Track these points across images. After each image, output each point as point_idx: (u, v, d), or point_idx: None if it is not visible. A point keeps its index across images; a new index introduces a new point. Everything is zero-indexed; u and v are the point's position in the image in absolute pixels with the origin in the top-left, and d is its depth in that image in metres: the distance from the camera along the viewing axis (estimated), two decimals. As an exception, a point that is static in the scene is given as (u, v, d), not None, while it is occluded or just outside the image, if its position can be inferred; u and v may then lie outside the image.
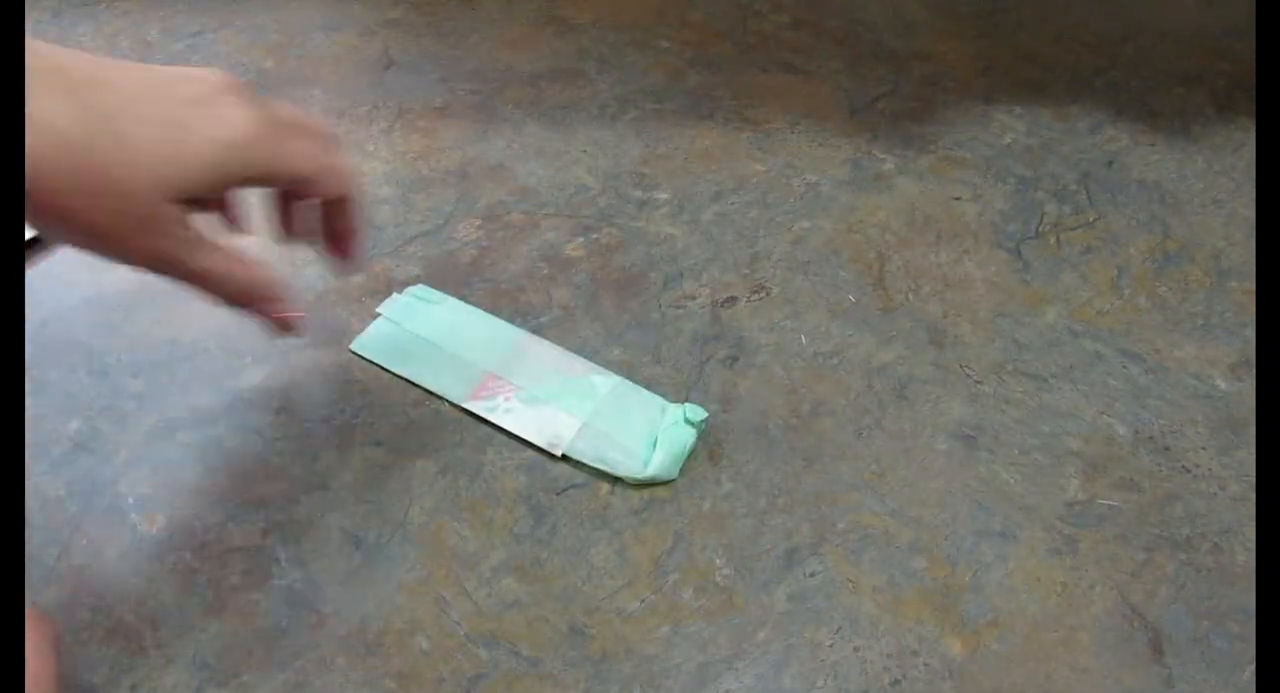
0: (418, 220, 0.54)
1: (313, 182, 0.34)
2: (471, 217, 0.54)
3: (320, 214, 0.38)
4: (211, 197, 0.34)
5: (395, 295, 0.48)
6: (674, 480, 0.41)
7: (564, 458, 0.42)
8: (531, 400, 0.44)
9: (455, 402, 0.44)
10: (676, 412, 0.43)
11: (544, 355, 0.46)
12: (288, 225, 0.39)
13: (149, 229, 0.30)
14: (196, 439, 0.43)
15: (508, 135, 0.60)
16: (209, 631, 0.36)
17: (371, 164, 0.57)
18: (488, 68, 0.66)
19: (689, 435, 0.42)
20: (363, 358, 0.46)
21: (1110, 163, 0.61)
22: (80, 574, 0.38)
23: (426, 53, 0.67)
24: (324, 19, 0.69)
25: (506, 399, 0.44)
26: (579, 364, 0.45)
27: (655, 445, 0.42)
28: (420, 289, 0.49)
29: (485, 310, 0.48)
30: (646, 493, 0.41)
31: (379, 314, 0.47)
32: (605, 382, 0.44)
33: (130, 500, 0.40)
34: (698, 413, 0.43)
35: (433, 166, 0.57)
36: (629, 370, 0.46)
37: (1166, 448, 0.45)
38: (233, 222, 0.39)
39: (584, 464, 0.42)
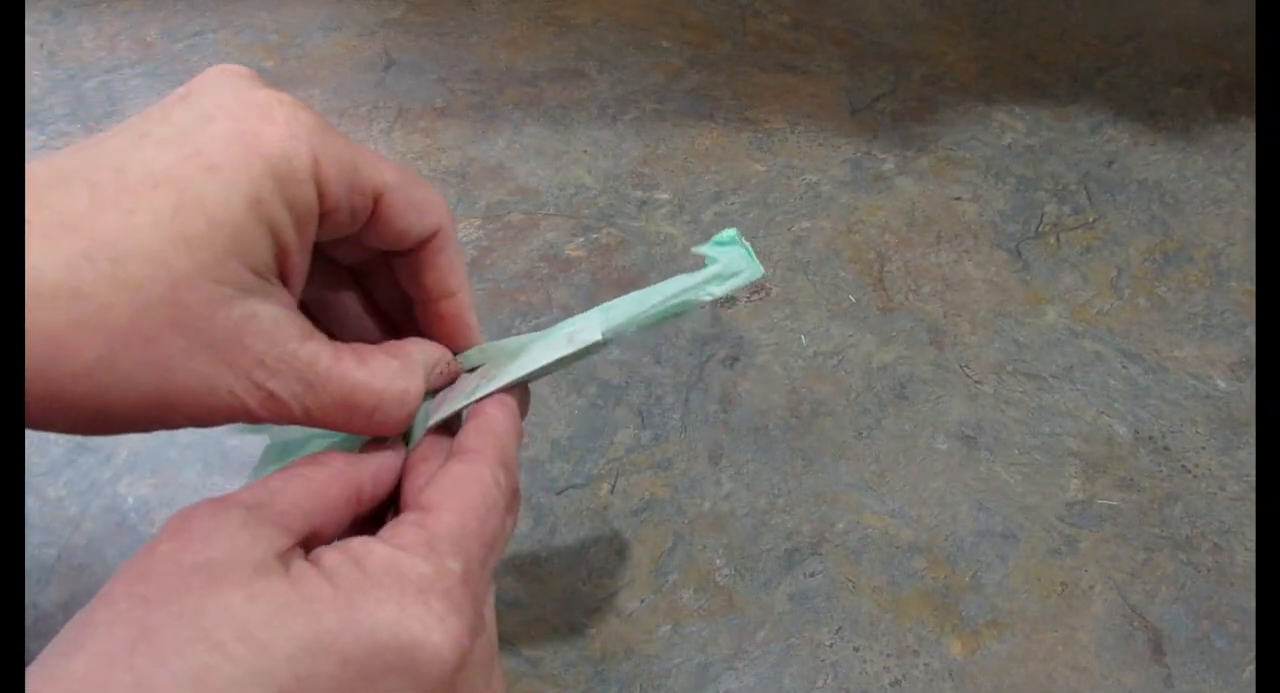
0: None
1: (396, 203, 0.23)
2: (471, 217, 0.54)
3: (400, 272, 0.26)
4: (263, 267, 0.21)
5: None
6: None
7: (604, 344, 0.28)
8: (511, 354, 0.28)
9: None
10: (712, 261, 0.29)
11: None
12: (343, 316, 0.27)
13: (209, 340, 0.20)
14: (196, 439, 0.43)
15: (508, 135, 0.60)
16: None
17: (371, 164, 0.57)
18: (488, 68, 0.66)
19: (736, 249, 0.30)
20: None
21: (1110, 163, 0.61)
22: (80, 574, 0.38)
23: (426, 53, 0.67)
24: (324, 19, 0.69)
25: (478, 380, 0.27)
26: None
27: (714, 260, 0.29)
28: None
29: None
30: (647, 493, 0.41)
31: None
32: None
33: (130, 500, 0.40)
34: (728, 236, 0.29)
35: (433, 166, 0.57)
36: (629, 370, 0.46)
37: (1166, 448, 0.45)
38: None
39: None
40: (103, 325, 0.19)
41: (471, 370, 0.28)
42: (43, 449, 0.42)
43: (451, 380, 0.27)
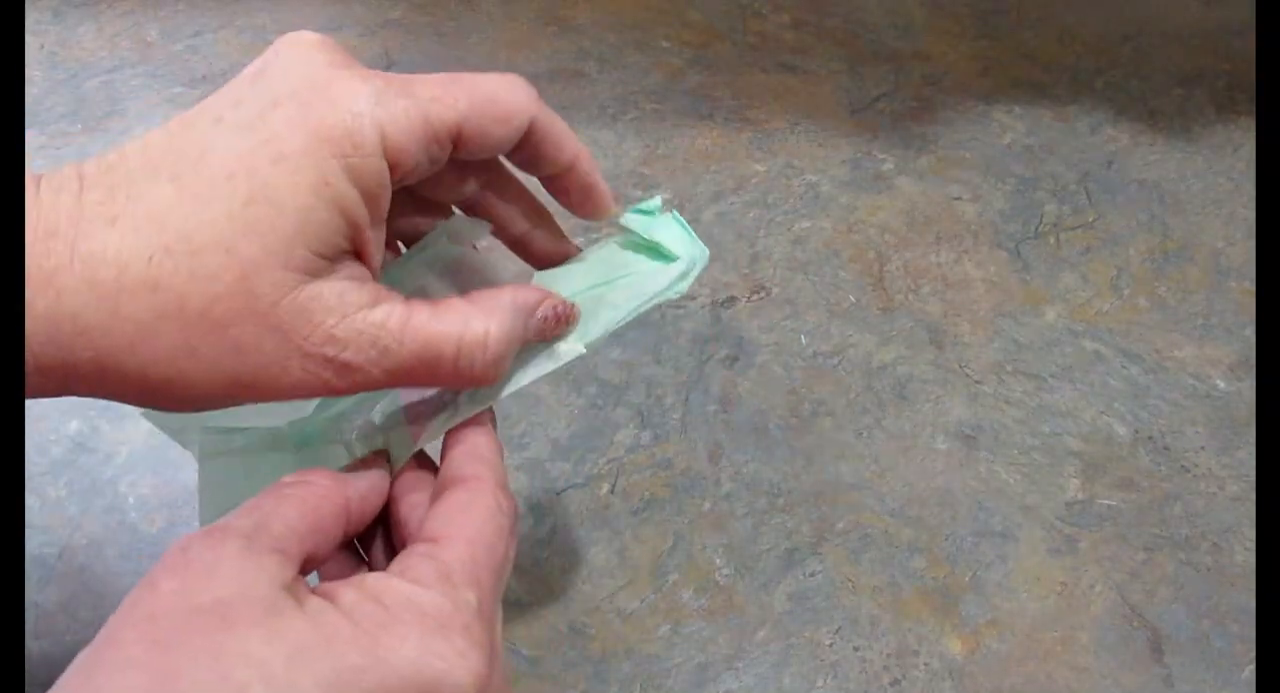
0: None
1: (473, 129, 0.23)
2: (471, 217, 0.54)
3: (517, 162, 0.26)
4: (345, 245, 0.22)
5: None
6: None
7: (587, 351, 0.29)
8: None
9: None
10: (637, 226, 0.30)
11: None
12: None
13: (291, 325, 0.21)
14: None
15: (508, 135, 0.60)
16: (209, 631, 0.36)
17: (371, 164, 0.57)
18: (487, 68, 0.66)
19: (668, 220, 0.30)
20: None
21: (1110, 163, 0.61)
22: (80, 574, 0.38)
23: (426, 53, 0.67)
24: (324, 19, 0.69)
25: (455, 399, 0.27)
26: None
27: (651, 247, 0.29)
28: None
29: None
30: (647, 492, 0.41)
31: None
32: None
33: (130, 500, 0.40)
34: (649, 204, 0.30)
35: (433, 167, 0.57)
36: (629, 370, 0.46)
37: (1166, 448, 0.45)
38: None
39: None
40: (181, 315, 0.20)
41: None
42: (43, 449, 0.42)
43: (564, 322, 0.26)
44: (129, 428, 0.43)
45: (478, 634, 0.20)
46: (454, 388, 0.26)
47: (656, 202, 0.30)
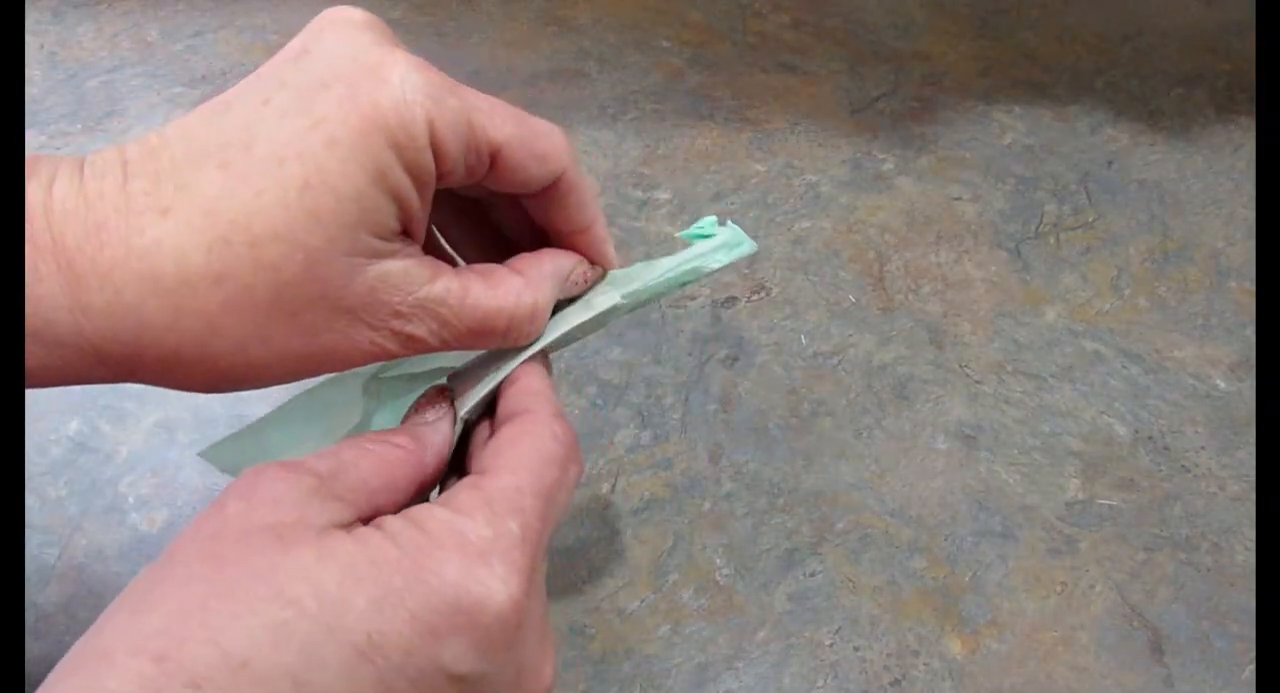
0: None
1: (514, 156, 0.23)
2: (471, 217, 0.54)
3: (532, 211, 0.26)
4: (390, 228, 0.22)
5: None
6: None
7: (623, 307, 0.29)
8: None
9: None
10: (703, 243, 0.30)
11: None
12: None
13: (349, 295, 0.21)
14: (197, 439, 0.43)
15: (508, 135, 0.60)
16: (209, 631, 0.36)
17: (371, 164, 0.57)
18: (488, 68, 0.66)
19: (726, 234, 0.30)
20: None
21: (1110, 163, 0.61)
22: (80, 574, 0.38)
23: (426, 53, 0.66)
24: (324, 19, 0.69)
25: (500, 355, 0.27)
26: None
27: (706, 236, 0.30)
28: None
29: None
30: (647, 492, 0.41)
31: None
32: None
33: (130, 500, 0.40)
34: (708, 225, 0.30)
35: (433, 167, 0.57)
36: (629, 370, 0.46)
37: (1166, 448, 0.45)
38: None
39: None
40: (250, 305, 0.20)
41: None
42: (43, 449, 0.42)
43: (587, 286, 0.27)
44: (129, 428, 0.43)
45: (518, 561, 0.20)
46: (492, 347, 0.26)
47: (712, 220, 0.31)
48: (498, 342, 0.25)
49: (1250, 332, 0.50)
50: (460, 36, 0.68)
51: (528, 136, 0.23)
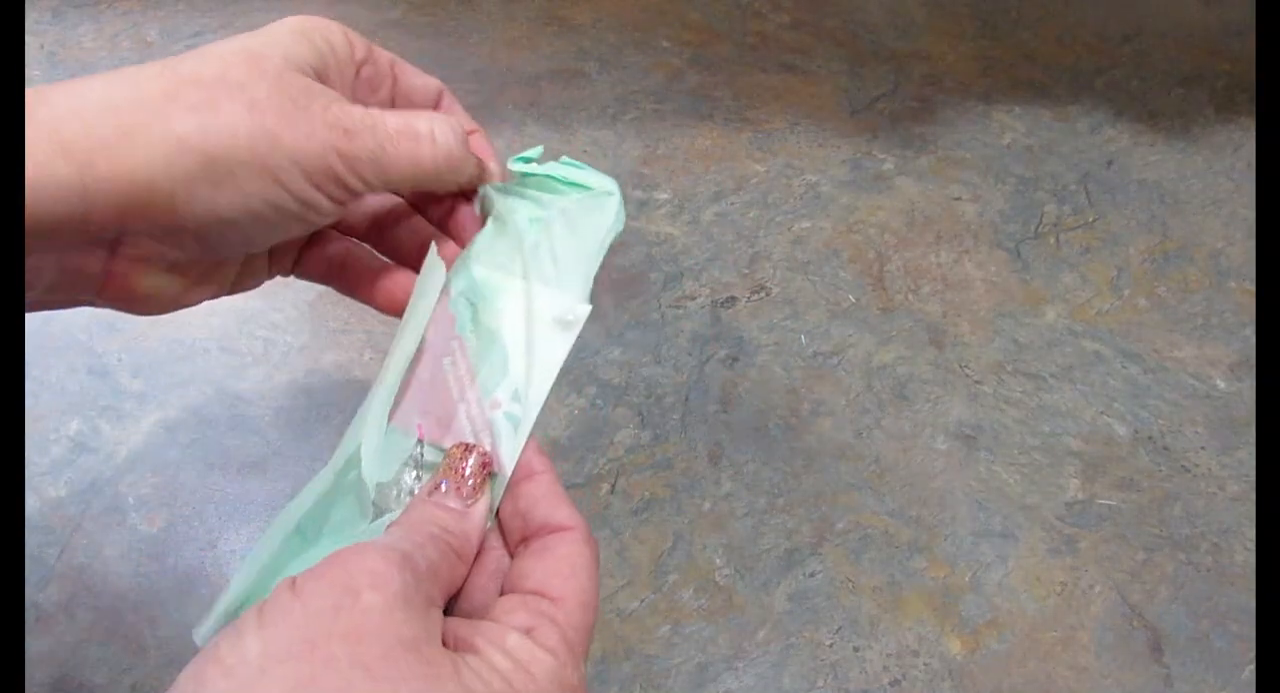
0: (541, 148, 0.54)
1: (406, 68, 0.29)
2: (471, 217, 0.54)
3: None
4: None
5: None
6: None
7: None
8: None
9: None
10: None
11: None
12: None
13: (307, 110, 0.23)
14: (197, 439, 0.43)
15: (508, 135, 0.60)
16: (209, 631, 0.36)
17: (371, 164, 0.57)
18: (488, 68, 0.66)
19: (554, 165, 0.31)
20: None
21: (1110, 163, 0.61)
22: (80, 574, 0.38)
23: (426, 53, 0.67)
24: (324, 19, 0.69)
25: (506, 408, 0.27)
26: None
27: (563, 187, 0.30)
28: None
29: None
30: (647, 493, 0.41)
31: None
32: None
33: (130, 500, 0.40)
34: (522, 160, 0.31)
35: (433, 167, 0.57)
36: (629, 370, 0.46)
37: (1166, 448, 0.45)
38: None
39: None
40: (199, 84, 0.23)
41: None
42: (43, 449, 0.42)
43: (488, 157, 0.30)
44: (129, 428, 0.43)
45: None
46: (440, 187, 0.28)
47: (538, 150, 0.31)
48: (429, 156, 0.26)
49: (1250, 332, 0.50)
50: (460, 36, 0.68)
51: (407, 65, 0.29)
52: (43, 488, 0.40)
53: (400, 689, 0.18)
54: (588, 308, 0.28)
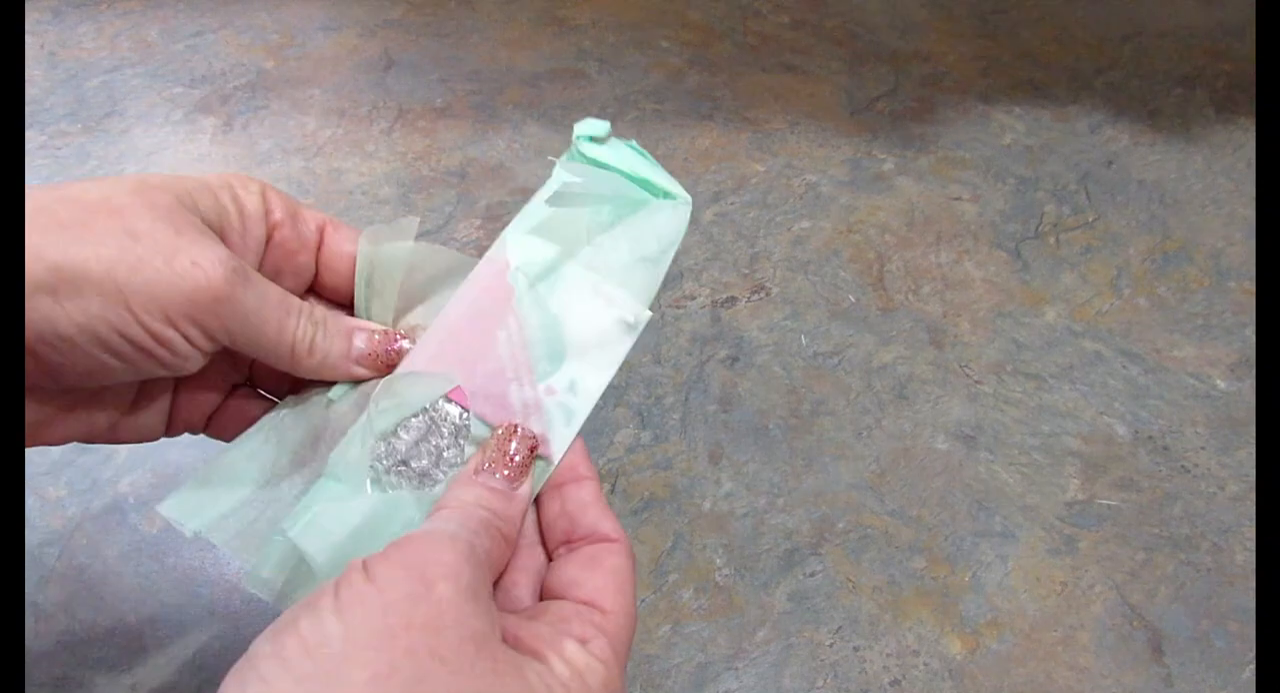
0: (418, 221, 0.54)
1: (338, 232, 0.28)
2: (471, 217, 0.54)
3: None
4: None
5: None
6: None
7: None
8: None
9: None
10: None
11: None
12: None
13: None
14: (196, 439, 0.43)
15: (508, 135, 0.60)
16: (209, 631, 0.36)
17: (371, 164, 0.57)
18: (488, 68, 0.66)
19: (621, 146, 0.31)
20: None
21: (1110, 163, 0.61)
22: (80, 574, 0.38)
23: (426, 53, 0.67)
24: (324, 19, 0.69)
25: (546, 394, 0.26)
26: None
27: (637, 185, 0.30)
28: None
29: None
30: (647, 493, 0.41)
31: None
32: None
33: (130, 500, 0.40)
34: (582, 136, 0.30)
35: (433, 167, 0.57)
36: (629, 370, 0.46)
37: (1166, 448, 0.45)
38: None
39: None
40: (129, 229, 0.22)
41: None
42: (43, 449, 0.42)
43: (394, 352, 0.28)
44: (129, 428, 0.43)
45: None
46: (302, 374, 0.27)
47: (605, 126, 0.30)
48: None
49: (1250, 332, 0.50)
50: (460, 36, 0.68)
51: (340, 224, 0.28)
52: (43, 488, 0.40)
53: (473, 684, 0.19)
54: (649, 314, 0.27)
